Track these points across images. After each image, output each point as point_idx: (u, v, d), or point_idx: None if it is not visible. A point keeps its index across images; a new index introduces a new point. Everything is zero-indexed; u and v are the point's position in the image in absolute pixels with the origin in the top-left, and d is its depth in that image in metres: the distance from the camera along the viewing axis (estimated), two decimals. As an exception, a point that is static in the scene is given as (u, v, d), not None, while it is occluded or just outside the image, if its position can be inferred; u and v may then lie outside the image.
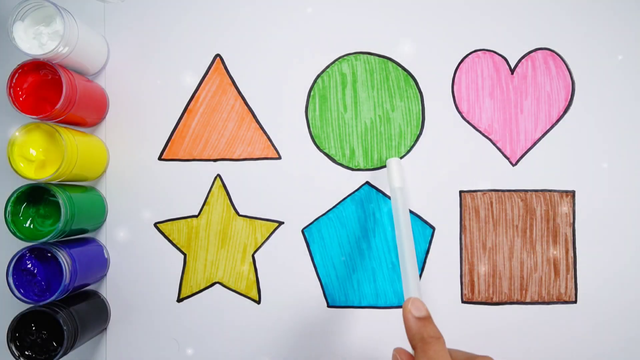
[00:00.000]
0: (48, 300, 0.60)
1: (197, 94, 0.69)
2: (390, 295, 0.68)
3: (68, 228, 0.61)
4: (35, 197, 0.61)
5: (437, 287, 0.68)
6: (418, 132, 0.69)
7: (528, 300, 0.68)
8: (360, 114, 0.69)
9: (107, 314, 0.69)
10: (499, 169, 0.68)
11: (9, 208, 0.60)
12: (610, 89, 0.68)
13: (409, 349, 0.68)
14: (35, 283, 0.61)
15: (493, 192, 0.68)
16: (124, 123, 0.69)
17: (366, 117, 0.69)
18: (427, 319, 0.48)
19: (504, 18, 0.68)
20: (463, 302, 0.68)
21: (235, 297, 0.69)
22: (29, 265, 0.60)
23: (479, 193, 0.68)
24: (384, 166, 0.68)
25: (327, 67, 0.69)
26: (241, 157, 0.69)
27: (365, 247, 0.68)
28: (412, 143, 0.68)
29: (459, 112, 0.68)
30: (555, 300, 0.68)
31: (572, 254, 0.68)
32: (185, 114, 0.69)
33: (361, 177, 0.69)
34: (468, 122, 0.68)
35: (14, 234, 0.60)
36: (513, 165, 0.68)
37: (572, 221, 0.68)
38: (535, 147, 0.68)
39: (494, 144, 0.68)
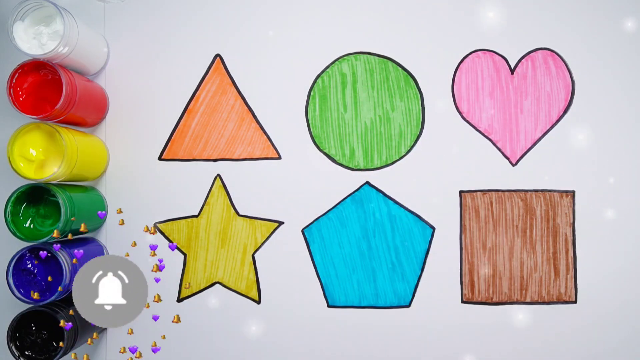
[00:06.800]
0: (48, 300, 0.60)
1: (197, 94, 0.69)
2: (390, 295, 0.68)
3: (68, 228, 0.61)
4: (35, 197, 0.61)
5: (437, 287, 0.68)
6: (418, 132, 0.69)
7: (528, 300, 0.68)
8: (360, 114, 0.69)
9: (107, 314, 0.69)
10: (499, 169, 0.68)
11: (9, 208, 0.60)
12: (610, 89, 0.68)
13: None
14: (35, 283, 0.61)
15: (493, 192, 0.68)
16: (124, 123, 0.69)
17: (366, 117, 0.69)
18: None
19: (504, 18, 0.68)
20: (463, 302, 0.68)
21: (235, 297, 0.69)
22: (29, 265, 0.60)
23: (479, 193, 0.68)
24: (384, 166, 0.68)
25: (327, 67, 0.69)
26: (241, 157, 0.69)
27: (365, 247, 0.68)
28: (412, 143, 0.68)
29: (459, 112, 0.68)
30: (555, 300, 0.68)
31: (572, 254, 0.68)
32: (185, 114, 0.69)
33: (361, 177, 0.69)
34: (468, 122, 0.68)
35: (14, 234, 0.60)
36: (513, 165, 0.68)
37: (572, 221, 0.68)
38: (535, 147, 0.68)
39: (494, 144, 0.68)
